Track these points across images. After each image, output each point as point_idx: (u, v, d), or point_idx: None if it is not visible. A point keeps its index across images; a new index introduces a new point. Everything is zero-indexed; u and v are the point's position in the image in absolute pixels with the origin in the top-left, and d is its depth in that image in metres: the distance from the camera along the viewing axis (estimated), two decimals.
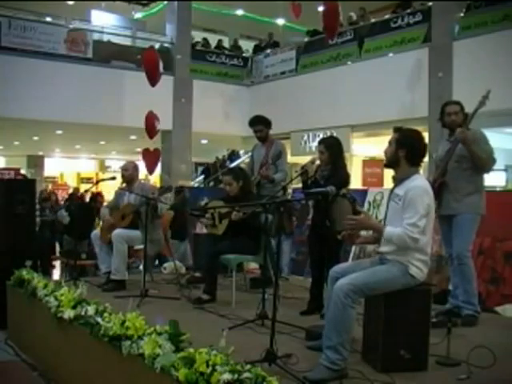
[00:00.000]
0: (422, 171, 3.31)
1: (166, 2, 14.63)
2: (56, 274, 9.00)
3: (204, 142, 15.92)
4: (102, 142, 17.61)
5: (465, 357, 3.04)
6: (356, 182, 10.99)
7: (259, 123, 5.78)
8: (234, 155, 15.37)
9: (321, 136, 9.96)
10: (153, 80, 9.58)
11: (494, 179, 9.06)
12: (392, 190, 3.24)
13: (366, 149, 12.95)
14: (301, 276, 6.66)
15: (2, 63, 10.64)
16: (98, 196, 9.97)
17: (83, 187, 15.19)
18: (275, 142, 5.85)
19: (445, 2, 9.89)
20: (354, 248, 6.24)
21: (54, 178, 22.55)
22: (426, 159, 4.29)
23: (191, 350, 2.55)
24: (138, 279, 5.21)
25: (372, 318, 3.17)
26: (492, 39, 9.03)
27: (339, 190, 4.10)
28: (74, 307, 3.63)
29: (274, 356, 2.93)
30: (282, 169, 5.63)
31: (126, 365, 2.91)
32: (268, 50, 14.37)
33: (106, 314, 3.29)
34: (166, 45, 13.54)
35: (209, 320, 4.17)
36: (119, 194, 5.74)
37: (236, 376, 2.31)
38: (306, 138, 12.65)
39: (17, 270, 4.85)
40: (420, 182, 3.10)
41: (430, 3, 10.39)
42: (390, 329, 3.01)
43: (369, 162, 12.67)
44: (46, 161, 21.49)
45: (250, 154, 6.57)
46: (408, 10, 11.02)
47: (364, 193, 6.68)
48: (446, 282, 4.95)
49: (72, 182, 21.95)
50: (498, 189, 9.76)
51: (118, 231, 5.23)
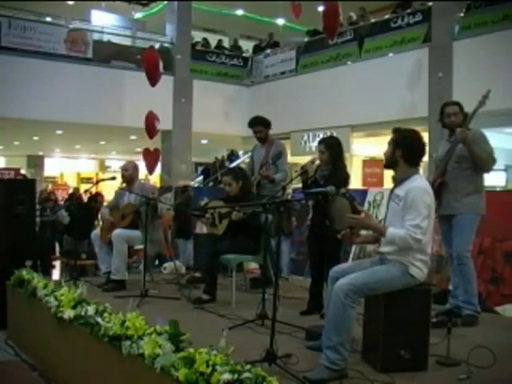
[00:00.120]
0: (421, 171, 3.31)
1: (165, 2, 14.63)
2: (56, 274, 8.99)
3: (204, 142, 15.92)
4: (102, 142, 17.61)
5: (465, 357, 3.04)
6: (356, 182, 10.99)
7: (258, 124, 5.78)
8: (233, 155, 15.36)
9: (321, 136, 9.96)
10: (153, 80, 9.59)
11: (494, 179, 9.06)
12: (392, 191, 3.23)
13: (366, 149, 12.94)
14: (301, 276, 6.66)
15: (2, 63, 10.64)
16: (97, 196, 9.96)
17: (83, 187, 15.17)
18: (275, 142, 5.85)
19: (445, 2, 9.89)
20: (353, 248, 6.24)
21: (54, 178, 22.53)
22: (426, 159, 4.29)
23: (191, 350, 2.55)
24: (137, 279, 5.21)
25: (372, 318, 3.17)
26: (492, 39, 9.03)
27: (339, 189, 4.10)
28: (74, 307, 3.63)
29: (274, 356, 2.93)
30: (283, 169, 5.63)
31: (125, 365, 2.91)
32: (268, 50, 14.36)
33: (105, 314, 3.29)
34: (166, 45, 13.54)
35: (209, 320, 4.17)
36: (119, 193, 5.74)
37: (236, 376, 2.31)
38: (305, 138, 12.65)
39: (17, 269, 4.85)
40: (420, 182, 3.10)
41: (430, 3, 10.39)
42: (390, 329, 3.01)
43: (369, 162, 12.66)
44: (46, 161, 21.48)
45: (249, 154, 6.57)
46: (408, 10, 11.01)
47: (364, 193, 6.68)
48: (446, 282, 4.95)
49: (72, 182, 21.91)
50: (497, 189, 9.76)
51: (117, 231, 5.23)
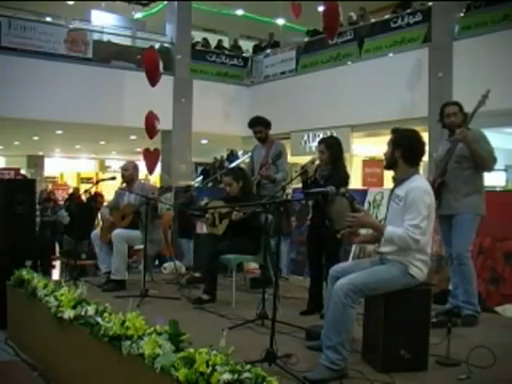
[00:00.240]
0: (421, 171, 3.30)
1: (165, 2, 14.63)
2: (56, 274, 9.00)
3: (204, 142, 15.92)
4: (102, 142, 17.60)
5: (465, 357, 3.04)
6: (356, 182, 10.99)
7: (258, 124, 5.78)
8: (232, 156, 15.36)
9: (321, 136, 9.96)
10: (153, 80, 9.59)
11: (494, 179, 9.07)
12: (392, 191, 3.23)
13: (366, 149, 12.95)
14: (300, 276, 6.65)
15: (2, 63, 10.64)
16: (97, 196, 9.96)
17: (83, 187, 15.18)
18: (275, 142, 5.86)
19: (445, 2, 9.89)
20: (353, 248, 6.24)
21: (54, 178, 22.52)
22: (426, 159, 4.29)
23: (191, 349, 2.55)
24: (137, 279, 5.20)
25: (372, 318, 3.17)
26: (492, 39, 9.03)
27: (339, 189, 4.10)
28: (74, 307, 3.63)
29: (274, 356, 2.93)
30: (283, 169, 5.63)
31: (126, 365, 2.91)
32: (268, 50, 14.36)
33: (105, 314, 3.29)
34: (166, 45, 13.53)
35: (209, 320, 4.17)
36: (119, 193, 5.74)
37: (236, 376, 2.31)
38: (305, 138, 12.65)
39: (17, 269, 4.85)
40: (420, 182, 3.10)
41: (430, 3, 10.38)
42: (390, 329, 3.01)
43: (369, 162, 12.67)
44: (46, 161, 21.47)
45: (249, 154, 6.57)
46: (408, 10, 11.01)
47: (364, 193, 6.68)
48: (446, 282, 4.95)
49: (72, 182, 21.92)
50: (497, 189, 9.75)
51: (118, 231, 5.23)
